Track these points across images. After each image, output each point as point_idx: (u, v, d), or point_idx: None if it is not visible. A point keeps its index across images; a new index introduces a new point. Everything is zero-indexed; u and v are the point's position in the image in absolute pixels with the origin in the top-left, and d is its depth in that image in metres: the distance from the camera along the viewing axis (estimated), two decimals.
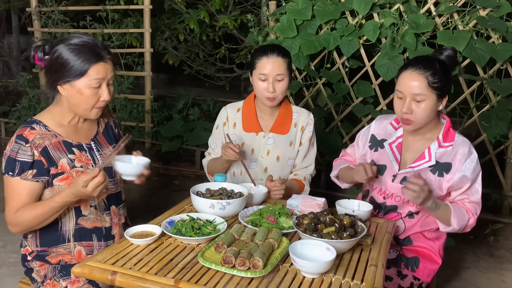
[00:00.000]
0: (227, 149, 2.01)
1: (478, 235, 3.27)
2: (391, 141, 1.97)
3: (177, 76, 8.24)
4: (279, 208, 1.74)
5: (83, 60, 1.60)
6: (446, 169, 1.84)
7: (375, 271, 1.38)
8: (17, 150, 1.61)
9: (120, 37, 4.78)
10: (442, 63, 1.81)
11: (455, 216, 1.79)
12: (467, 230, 1.87)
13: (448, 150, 1.86)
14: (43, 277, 1.72)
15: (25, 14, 5.89)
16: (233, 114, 2.25)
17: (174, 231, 1.52)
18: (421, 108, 1.77)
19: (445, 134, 1.87)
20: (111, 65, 1.67)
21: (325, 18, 3.33)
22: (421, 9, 3.18)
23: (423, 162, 1.86)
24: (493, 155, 3.29)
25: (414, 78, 1.76)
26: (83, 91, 1.62)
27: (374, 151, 2.00)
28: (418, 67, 1.76)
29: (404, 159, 1.94)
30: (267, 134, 2.20)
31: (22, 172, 1.61)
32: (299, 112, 2.24)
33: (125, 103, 4.84)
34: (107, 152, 1.81)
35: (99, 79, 1.63)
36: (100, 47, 1.64)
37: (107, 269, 1.33)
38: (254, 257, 1.32)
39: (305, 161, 2.25)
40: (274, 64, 2.05)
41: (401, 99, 1.81)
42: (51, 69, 1.64)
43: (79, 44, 1.61)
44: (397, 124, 1.99)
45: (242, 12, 5.22)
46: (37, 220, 1.63)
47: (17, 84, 5.84)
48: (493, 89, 3.11)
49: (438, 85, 1.75)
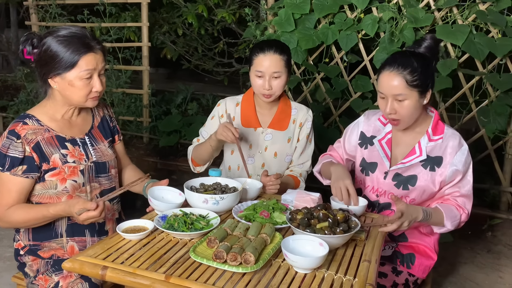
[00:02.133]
0: (226, 130, 1.92)
1: (475, 231, 3.26)
2: (380, 137, 1.94)
3: (177, 71, 8.21)
4: (273, 203, 1.72)
5: (72, 51, 1.58)
6: (437, 163, 1.83)
7: (368, 267, 1.37)
8: (8, 146, 1.60)
9: (118, 31, 4.76)
10: (420, 58, 1.76)
11: (448, 218, 1.77)
12: (460, 226, 1.85)
13: (439, 144, 1.84)
14: (36, 272, 1.71)
15: (23, 8, 5.85)
16: (232, 107, 2.21)
17: (166, 226, 1.51)
18: (405, 107, 1.74)
19: (434, 128, 1.85)
20: (101, 55, 1.64)
21: (323, 12, 3.31)
22: (420, 3, 3.15)
23: (414, 157, 1.84)
24: (491, 150, 3.28)
25: (393, 79, 1.72)
26: (74, 82, 1.60)
27: (364, 148, 1.98)
28: (396, 67, 1.72)
29: (394, 155, 1.92)
30: (266, 130, 2.18)
31: (12, 168, 1.59)
32: (298, 109, 2.21)
33: (123, 97, 4.82)
34: (102, 146, 1.79)
35: (89, 70, 1.61)
36: (89, 37, 1.62)
37: (97, 263, 1.33)
38: (245, 252, 1.31)
39: (301, 157, 2.23)
40: (271, 61, 2.02)
41: (384, 99, 1.78)
42: (41, 62, 1.62)
43: (68, 36, 1.59)
44: (385, 120, 1.96)
45: (240, 6, 5.18)
46: (27, 224, 1.65)
47: (15, 78, 5.82)
48: (492, 84, 3.09)
49: (417, 82, 1.71)
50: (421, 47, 1.83)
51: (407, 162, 1.85)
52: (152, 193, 1.70)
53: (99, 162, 1.76)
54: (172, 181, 4.30)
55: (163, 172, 4.39)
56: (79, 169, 1.68)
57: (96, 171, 1.74)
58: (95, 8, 4.70)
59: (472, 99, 3.21)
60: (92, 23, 4.66)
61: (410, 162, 1.84)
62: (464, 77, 3.19)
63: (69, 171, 1.66)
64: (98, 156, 1.76)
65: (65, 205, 1.57)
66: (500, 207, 3.42)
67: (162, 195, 1.75)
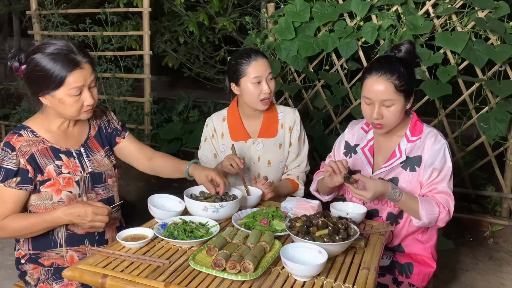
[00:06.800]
0: (232, 162, 1.96)
1: (477, 237, 3.26)
2: (363, 145, 1.95)
3: (178, 79, 8.25)
4: (272, 211, 1.73)
5: (59, 69, 1.56)
6: (417, 163, 1.83)
7: (367, 274, 1.37)
8: (3, 158, 1.60)
9: (120, 40, 4.79)
10: (405, 63, 1.76)
11: (423, 208, 1.73)
12: (440, 224, 1.79)
13: (417, 144, 1.84)
14: (37, 280, 1.71)
15: (26, 17, 5.90)
16: (219, 124, 2.23)
17: (166, 234, 1.52)
18: (391, 112, 1.75)
19: (412, 129, 1.85)
20: (89, 68, 1.62)
21: (323, 20, 3.33)
22: (419, 10, 3.17)
23: (395, 160, 1.84)
24: (492, 156, 3.27)
25: (381, 84, 1.72)
26: (64, 100, 1.60)
27: (349, 157, 1.99)
28: (383, 72, 1.72)
29: (376, 161, 1.92)
30: (256, 140, 2.19)
31: (6, 180, 1.60)
32: (284, 112, 2.22)
33: (125, 105, 4.84)
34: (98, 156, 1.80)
35: (78, 87, 1.60)
36: (75, 52, 1.59)
37: (97, 272, 1.33)
38: (245, 260, 1.31)
39: (297, 160, 2.23)
40: (264, 65, 2.07)
41: (369, 105, 1.78)
42: (30, 81, 1.62)
43: (53, 53, 1.57)
44: (367, 128, 1.97)
45: (241, 14, 5.22)
46: (26, 231, 1.63)
47: (17, 86, 5.86)
48: (492, 91, 3.09)
49: (404, 87, 1.72)
50: (402, 52, 1.82)
51: (388, 166, 1.85)
52: (152, 201, 1.71)
53: (95, 173, 1.76)
54: (173, 188, 4.31)
55: (165, 179, 4.38)
56: (74, 180, 1.69)
57: (92, 182, 1.75)
58: (97, 17, 4.74)
59: (472, 106, 3.21)
60: (94, 32, 4.70)
61: (391, 165, 1.85)
62: (464, 84, 3.20)
63: (63, 182, 1.67)
64: (94, 167, 1.77)
65: (66, 207, 1.59)
66: (501, 213, 3.41)
67: (162, 203, 1.75)
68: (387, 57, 1.81)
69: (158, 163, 1.95)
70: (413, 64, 1.83)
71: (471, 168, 3.43)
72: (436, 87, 3.09)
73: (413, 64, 1.84)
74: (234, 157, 1.96)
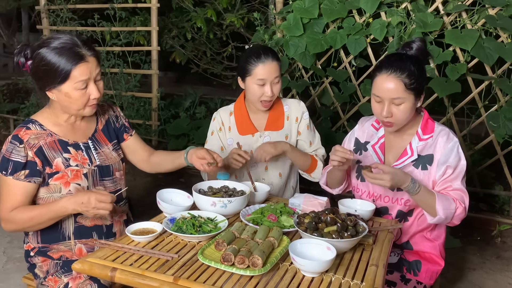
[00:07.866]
0: (236, 156, 1.97)
1: (484, 237, 3.24)
2: (373, 142, 1.94)
3: (186, 75, 8.25)
4: (280, 207, 1.73)
5: (64, 63, 1.57)
6: (429, 161, 1.81)
7: (375, 271, 1.37)
8: (12, 150, 1.62)
9: (128, 35, 4.80)
10: (416, 61, 1.75)
11: (439, 203, 1.71)
12: (456, 222, 1.77)
13: (429, 142, 1.82)
14: (45, 273, 1.73)
15: (35, 12, 5.93)
16: (226, 118, 2.25)
17: (175, 229, 1.52)
18: (401, 110, 1.74)
19: (423, 127, 1.84)
20: (94, 62, 1.63)
21: (332, 16, 3.32)
22: (429, 7, 3.15)
23: (406, 158, 1.83)
24: (501, 155, 3.25)
25: (391, 82, 1.71)
26: (71, 94, 1.61)
27: (358, 154, 1.98)
28: (393, 70, 1.71)
29: (387, 159, 1.91)
30: (263, 133, 2.20)
31: (14, 172, 1.62)
32: (289, 104, 2.24)
33: (132, 101, 4.86)
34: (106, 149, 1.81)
35: (84, 80, 1.61)
36: (79, 45, 1.60)
37: (107, 265, 1.34)
38: (253, 255, 1.31)
39: (311, 147, 2.25)
40: (271, 68, 2.05)
41: (379, 102, 1.77)
42: (36, 75, 1.63)
43: (58, 47, 1.58)
44: (378, 125, 1.96)
45: (249, 10, 5.21)
46: (33, 222, 1.63)
47: (26, 81, 5.90)
48: (501, 89, 3.07)
49: (415, 86, 1.71)
50: (413, 50, 1.81)
51: (399, 164, 1.84)
52: (161, 196, 1.72)
53: (102, 165, 1.77)
54: (180, 184, 4.32)
55: (171, 175, 4.40)
56: (82, 172, 1.70)
57: (100, 175, 1.76)
58: (105, 12, 4.76)
59: (481, 104, 3.19)
60: (102, 27, 4.71)
61: (402, 163, 1.83)
62: (473, 82, 3.17)
63: (72, 174, 1.68)
64: (102, 159, 1.78)
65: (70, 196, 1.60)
66: (509, 212, 3.39)
67: (170, 197, 1.76)
68: (397, 55, 1.80)
69: (158, 156, 2.01)
70: (424, 62, 1.82)
71: (479, 167, 3.42)
72: (445, 85, 3.07)
73: (424, 62, 1.83)
74: (239, 150, 1.99)
